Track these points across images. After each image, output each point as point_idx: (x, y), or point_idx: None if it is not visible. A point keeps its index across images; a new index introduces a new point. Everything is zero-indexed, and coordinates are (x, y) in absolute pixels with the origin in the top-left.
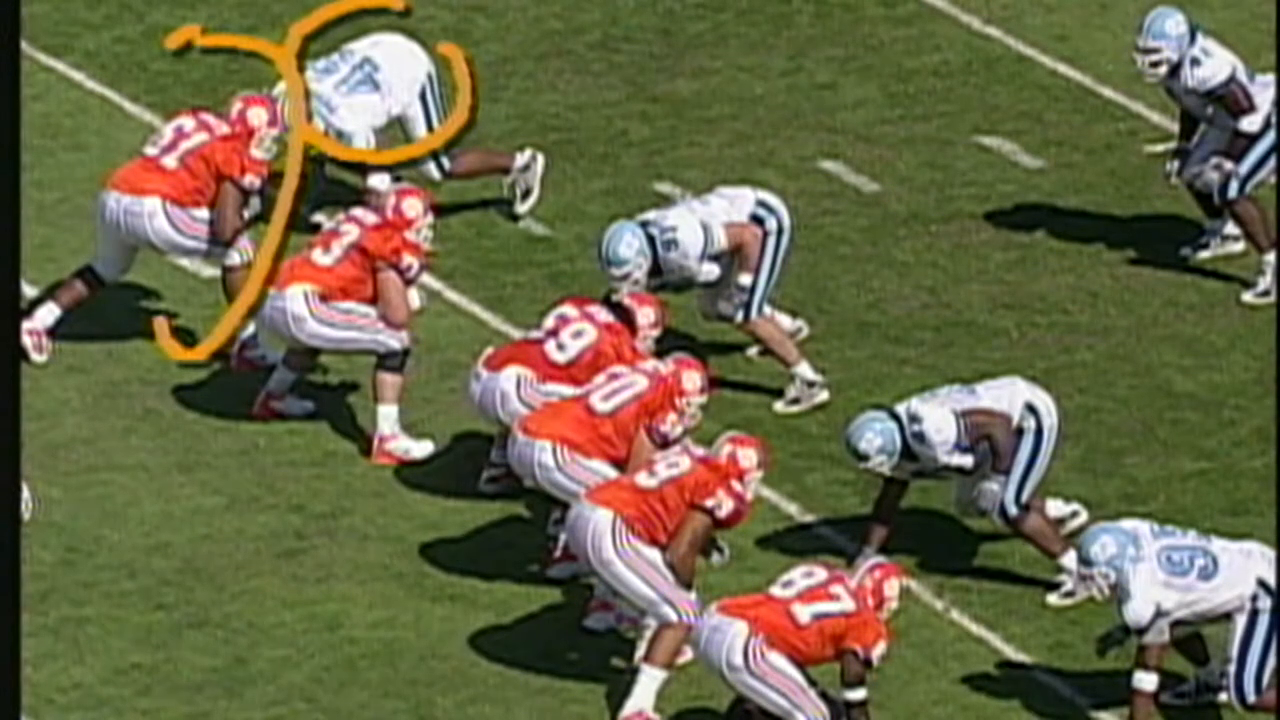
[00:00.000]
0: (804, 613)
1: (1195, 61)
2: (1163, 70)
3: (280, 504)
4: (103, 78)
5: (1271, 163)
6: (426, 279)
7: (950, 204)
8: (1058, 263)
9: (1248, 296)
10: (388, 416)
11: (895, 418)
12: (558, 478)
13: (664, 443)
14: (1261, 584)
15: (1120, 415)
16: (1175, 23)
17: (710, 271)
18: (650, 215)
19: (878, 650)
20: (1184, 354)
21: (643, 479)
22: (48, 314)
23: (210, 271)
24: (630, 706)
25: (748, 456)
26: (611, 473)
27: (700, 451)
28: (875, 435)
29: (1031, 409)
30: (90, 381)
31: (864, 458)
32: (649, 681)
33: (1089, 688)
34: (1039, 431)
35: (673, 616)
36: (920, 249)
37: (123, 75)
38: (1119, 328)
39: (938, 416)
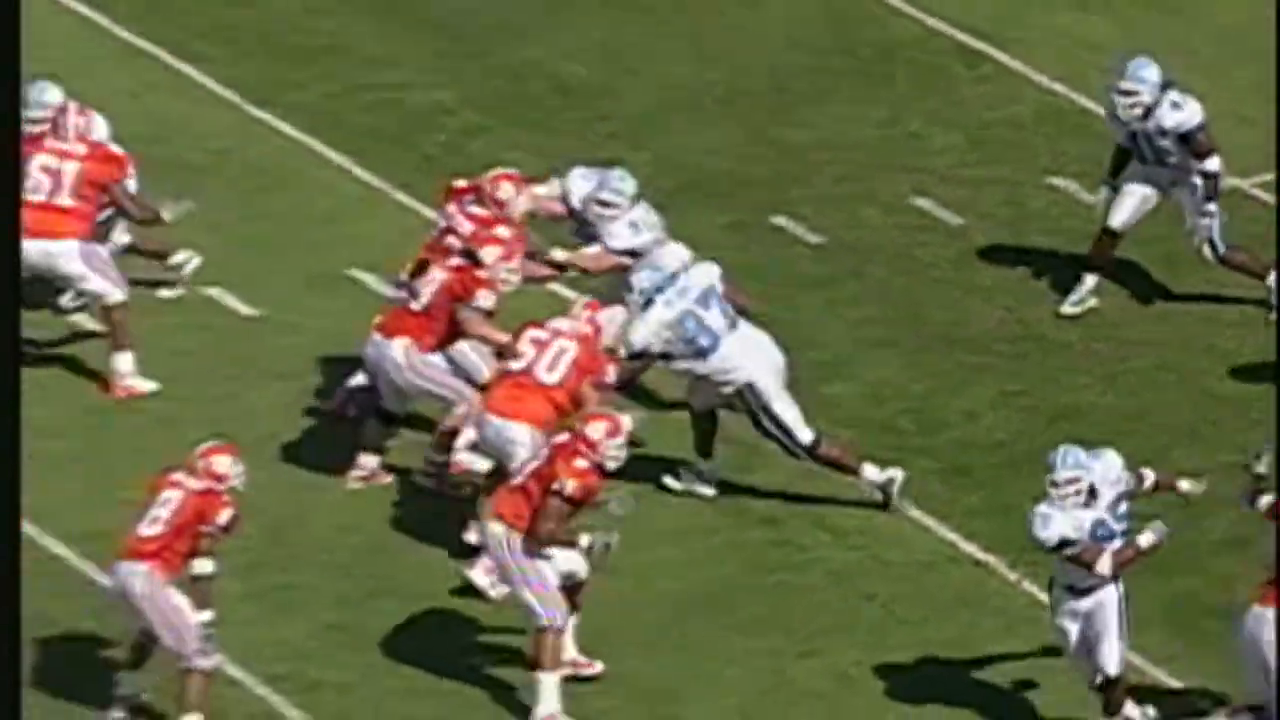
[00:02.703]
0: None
1: (1175, 105)
2: (1138, 111)
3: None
4: (305, 128)
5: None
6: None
7: (1024, 236)
8: (1112, 285)
9: (1273, 316)
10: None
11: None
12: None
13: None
14: None
15: (1167, 415)
16: (1153, 71)
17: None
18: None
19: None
20: (1221, 364)
21: (513, 479)
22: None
23: None
24: (541, 712)
25: (596, 429)
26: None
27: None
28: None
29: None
30: (290, 388)
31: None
32: (548, 686)
33: (1145, 647)
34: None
35: (541, 621)
36: (998, 274)
37: (323, 126)
38: (1167, 341)
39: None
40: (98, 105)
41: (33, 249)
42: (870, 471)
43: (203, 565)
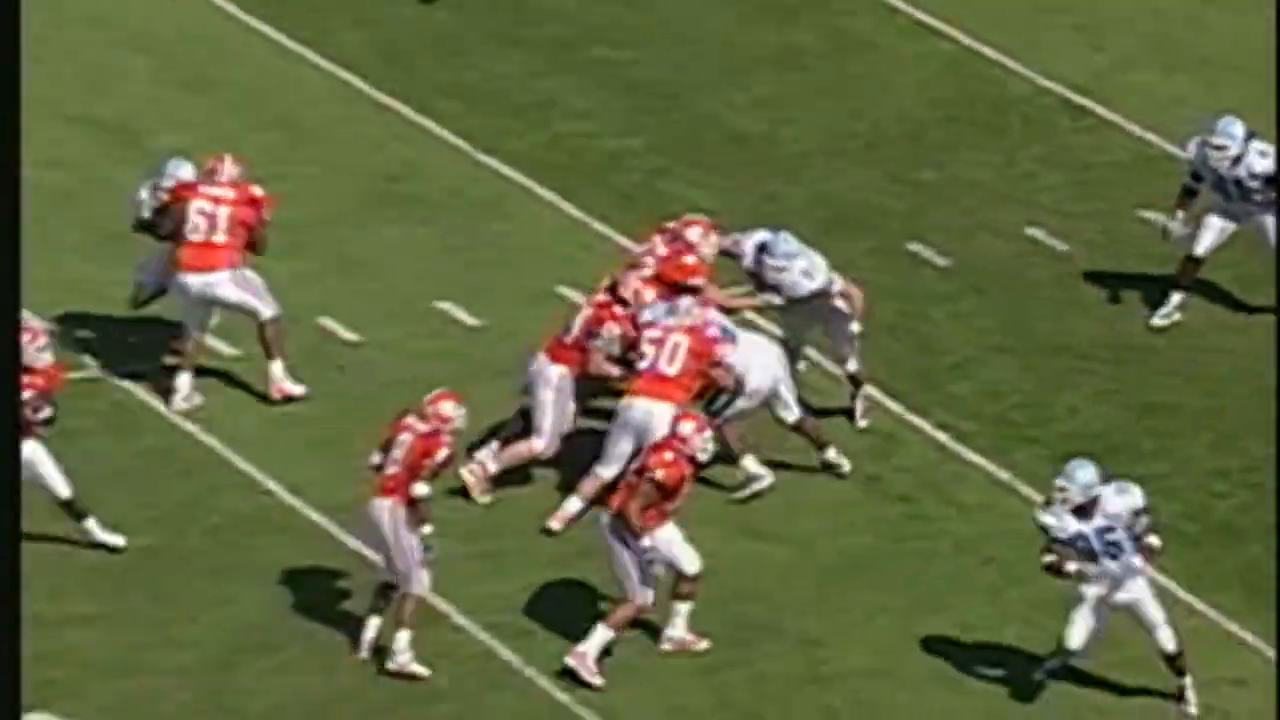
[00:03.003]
0: None
1: (1262, 154)
2: (1227, 161)
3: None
4: (522, 169)
5: None
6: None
7: (1119, 260)
8: (1196, 302)
9: None
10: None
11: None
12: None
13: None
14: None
15: (1239, 412)
16: (1239, 127)
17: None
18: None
19: None
20: None
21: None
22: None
23: None
24: (582, 648)
25: (685, 426)
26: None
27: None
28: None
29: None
30: (508, 386)
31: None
32: (601, 635)
33: (1222, 605)
34: None
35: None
36: (1097, 292)
37: (536, 168)
38: (1240, 349)
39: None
40: (344, 152)
41: (194, 281)
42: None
43: (421, 489)
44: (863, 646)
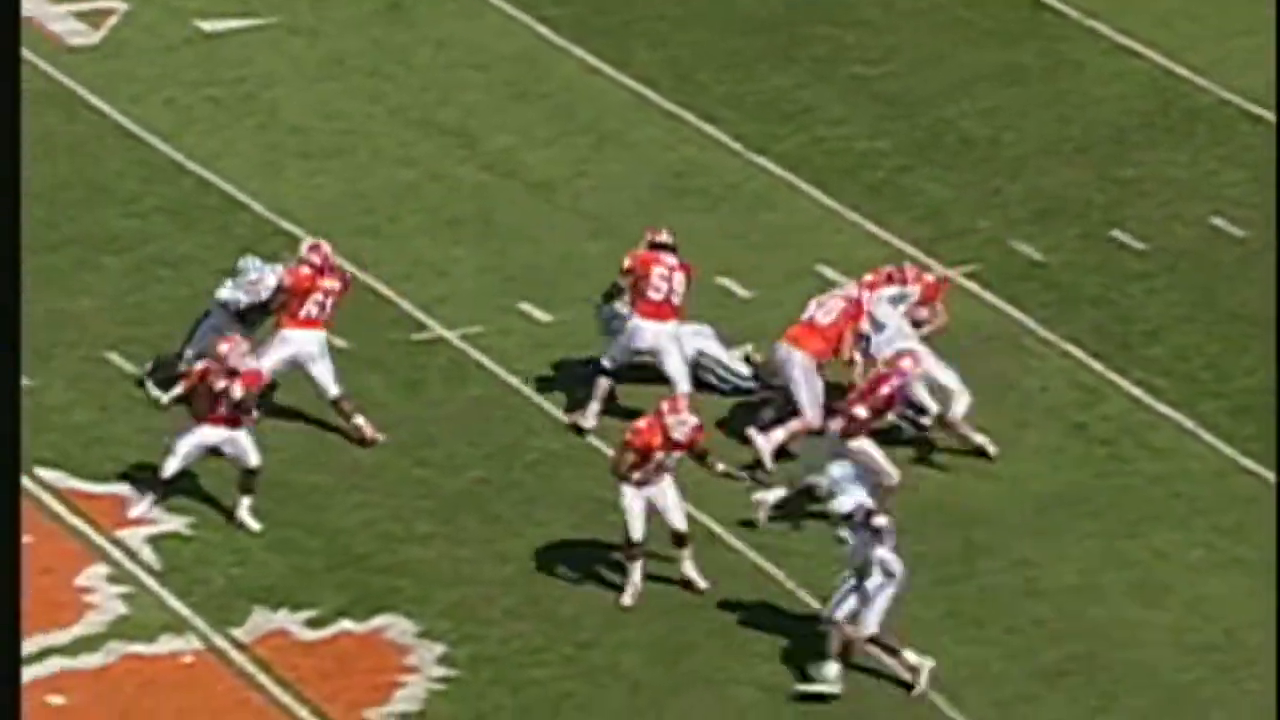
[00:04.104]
0: None
1: None
2: None
3: None
4: (787, 167)
5: None
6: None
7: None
8: None
9: None
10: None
11: None
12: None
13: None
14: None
15: None
16: None
17: None
18: None
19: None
20: None
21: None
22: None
23: None
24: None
25: (666, 405)
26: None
27: None
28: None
29: None
30: None
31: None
32: (637, 571)
33: None
34: None
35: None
36: (1272, 270)
37: (799, 165)
38: None
39: None
40: (640, 153)
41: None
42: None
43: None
44: (1069, 566)
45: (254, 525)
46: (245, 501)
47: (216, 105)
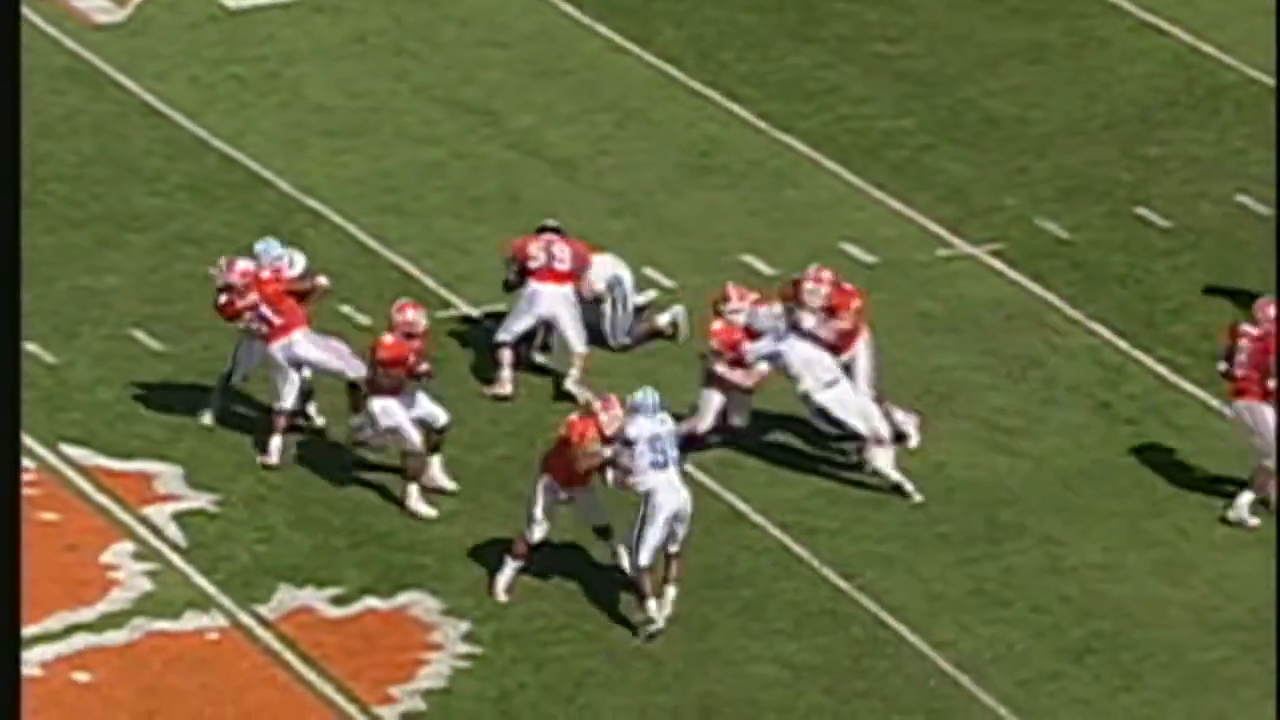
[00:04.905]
0: None
1: None
2: None
3: None
4: (810, 145)
5: None
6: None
7: None
8: None
9: None
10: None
11: None
12: None
13: None
14: None
15: None
16: None
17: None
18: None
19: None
20: None
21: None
22: None
23: None
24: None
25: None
26: None
27: None
28: None
29: None
30: None
31: None
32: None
33: None
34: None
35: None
36: None
37: (822, 144)
38: None
39: None
40: (663, 131)
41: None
42: None
43: None
44: (1094, 545)
45: (449, 485)
46: (437, 461)
47: (240, 83)
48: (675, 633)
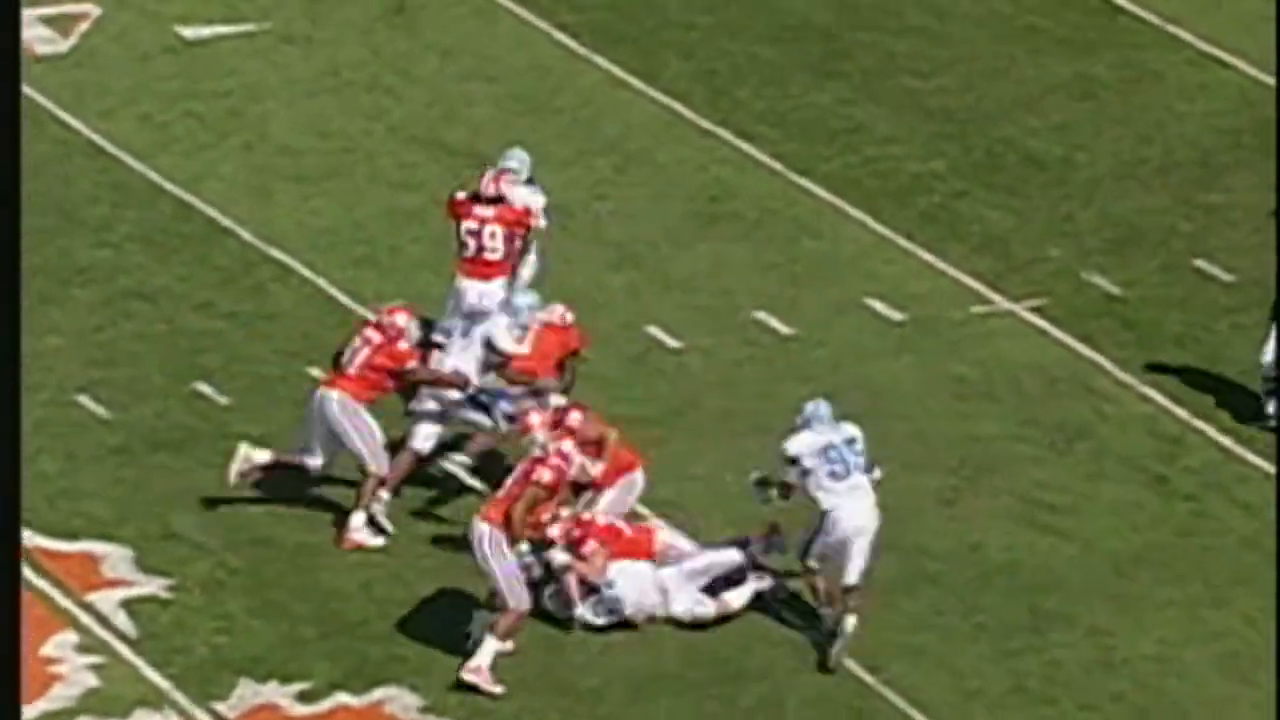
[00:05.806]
0: None
1: None
2: None
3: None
4: (833, 190)
5: None
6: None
7: None
8: None
9: None
10: None
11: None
12: None
13: None
14: None
15: None
16: None
17: None
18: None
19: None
20: None
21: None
22: None
23: None
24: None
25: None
26: None
27: None
28: None
29: None
30: (814, 390)
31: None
32: (490, 647)
33: None
34: None
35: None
36: None
37: (846, 189)
38: None
39: None
40: (668, 175)
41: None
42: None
43: None
44: (1150, 636)
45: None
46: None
47: (199, 121)
48: None
